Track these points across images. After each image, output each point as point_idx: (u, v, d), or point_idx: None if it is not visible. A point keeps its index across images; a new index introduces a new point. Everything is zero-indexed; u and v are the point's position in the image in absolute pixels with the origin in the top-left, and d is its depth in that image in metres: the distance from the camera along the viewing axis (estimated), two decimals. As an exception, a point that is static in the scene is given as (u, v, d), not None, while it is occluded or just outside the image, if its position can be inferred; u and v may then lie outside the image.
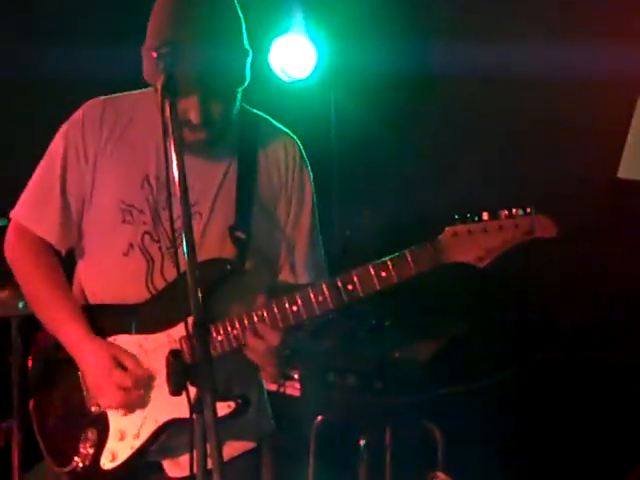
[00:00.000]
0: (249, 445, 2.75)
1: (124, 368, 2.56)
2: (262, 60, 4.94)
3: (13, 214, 2.74)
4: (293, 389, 4.12)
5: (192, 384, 2.09)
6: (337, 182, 5.03)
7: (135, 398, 2.57)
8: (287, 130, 2.78)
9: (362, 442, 3.93)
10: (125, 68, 2.83)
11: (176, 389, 2.13)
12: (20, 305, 4.06)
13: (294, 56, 4.98)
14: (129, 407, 2.58)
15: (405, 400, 3.85)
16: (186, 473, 2.20)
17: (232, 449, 2.68)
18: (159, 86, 2.20)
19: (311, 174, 2.77)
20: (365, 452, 3.93)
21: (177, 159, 2.14)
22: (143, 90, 2.71)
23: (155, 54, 2.25)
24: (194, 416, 2.09)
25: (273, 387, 3.89)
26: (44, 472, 4.26)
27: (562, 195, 3.62)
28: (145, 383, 2.57)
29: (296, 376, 4.13)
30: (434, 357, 3.94)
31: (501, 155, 4.46)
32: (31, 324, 4.05)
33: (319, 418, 4.06)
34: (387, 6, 4.78)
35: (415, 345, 4.04)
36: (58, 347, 2.66)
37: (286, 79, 5.03)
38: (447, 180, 4.59)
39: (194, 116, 2.49)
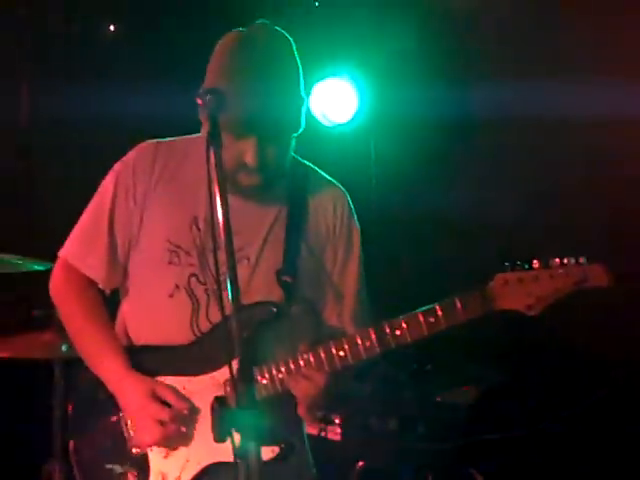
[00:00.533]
0: None
1: (165, 403, 2.56)
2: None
3: (61, 252, 2.76)
4: (334, 434, 4.10)
5: (236, 430, 2.08)
6: (376, 228, 5.03)
7: (174, 433, 2.55)
8: (336, 182, 2.81)
9: (404, 488, 3.91)
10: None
11: (221, 436, 2.12)
12: (63, 348, 4.10)
13: (335, 100, 5.02)
14: (167, 443, 2.57)
15: (447, 445, 3.81)
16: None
17: None
18: (204, 132, 2.23)
19: (358, 226, 2.78)
20: (407, 498, 3.91)
21: (222, 204, 2.15)
22: (195, 135, 2.73)
23: (200, 101, 2.27)
24: (238, 462, 2.08)
25: (314, 431, 3.88)
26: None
27: (612, 234, 3.60)
28: (185, 419, 2.57)
29: (337, 420, 4.11)
30: (476, 402, 3.91)
31: (543, 197, 4.43)
32: (74, 367, 4.16)
33: (360, 463, 4.03)
34: (428, 52, 4.81)
35: (457, 390, 4.01)
36: (98, 387, 2.66)
37: (327, 123, 5.08)
38: (488, 228, 4.57)
39: (250, 158, 2.51)
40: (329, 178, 2.80)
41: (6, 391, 4.10)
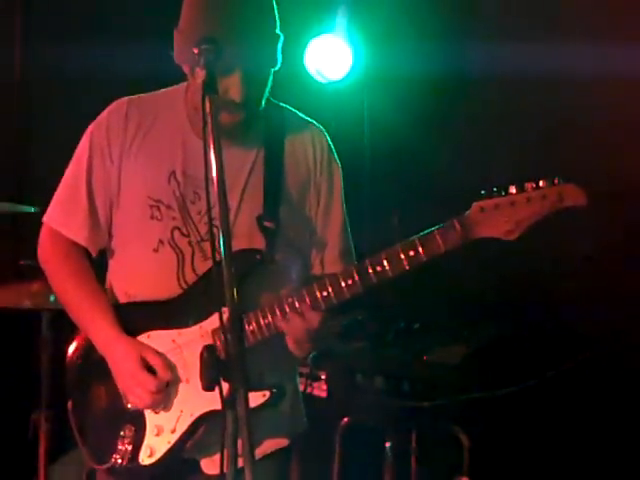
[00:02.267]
0: (282, 442, 2.74)
1: (152, 369, 2.58)
2: (298, 61, 4.95)
3: (45, 218, 2.77)
4: (320, 390, 4.11)
5: (225, 379, 2.09)
6: (368, 183, 5.02)
7: (162, 400, 2.58)
8: (313, 121, 2.79)
9: (388, 445, 3.92)
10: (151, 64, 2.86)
11: (208, 384, 2.14)
12: (51, 298, 4.08)
13: (330, 57, 4.99)
14: (156, 407, 2.60)
15: (432, 404, 3.83)
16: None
17: (265, 446, 2.68)
18: (199, 81, 2.23)
19: (339, 164, 2.77)
20: (391, 455, 3.92)
21: (215, 156, 2.14)
22: (168, 89, 2.74)
23: (196, 50, 2.28)
24: (226, 411, 2.09)
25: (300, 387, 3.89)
26: (69, 464, 4.33)
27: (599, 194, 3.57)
28: (173, 384, 2.59)
29: (323, 377, 4.12)
30: (463, 361, 3.92)
31: (534, 155, 4.42)
32: (61, 317, 4.15)
33: (345, 420, 4.05)
34: (423, 9, 4.77)
35: (444, 349, 4.02)
36: (92, 347, 2.68)
37: (321, 80, 5.04)
38: (478, 182, 4.56)
39: (236, 93, 2.50)
40: (307, 118, 2.78)
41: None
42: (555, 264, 4.18)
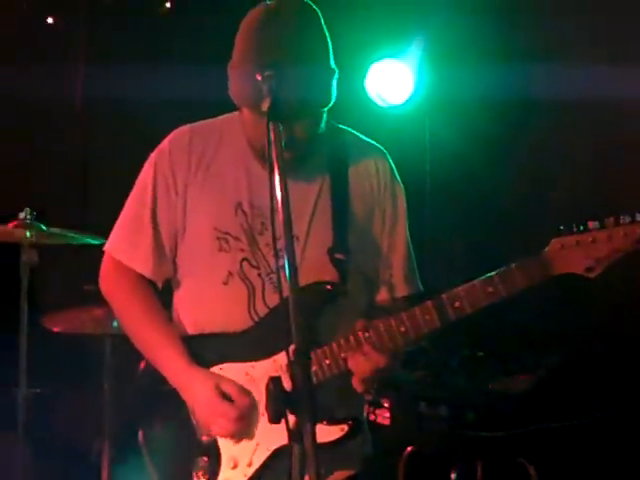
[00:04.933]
0: (351, 472, 2.68)
1: (229, 398, 2.54)
2: (359, 84, 4.95)
3: (107, 247, 2.72)
4: (383, 418, 4.07)
5: (292, 412, 2.06)
6: (429, 210, 4.98)
7: (243, 427, 2.54)
8: (374, 142, 2.75)
9: (453, 476, 3.86)
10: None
11: (275, 417, 2.11)
12: (114, 324, 4.11)
13: (391, 82, 4.98)
14: (239, 436, 2.56)
15: (497, 434, 3.76)
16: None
17: (336, 476, 2.62)
18: (264, 109, 2.21)
19: (402, 184, 2.74)
20: (455, 486, 3.86)
21: (281, 183, 2.13)
22: (226, 115, 2.71)
23: (260, 76, 2.26)
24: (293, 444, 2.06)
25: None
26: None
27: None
28: (252, 411, 2.55)
29: (386, 405, 4.07)
30: (529, 391, 3.85)
31: (595, 178, 4.35)
32: (123, 342, 4.17)
33: (409, 449, 4.00)
34: (485, 33, 4.74)
35: (509, 378, 3.95)
36: (161, 377, 2.63)
37: (382, 104, 5.03)
38: (544, 211, 4.50)
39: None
40: (368, 140, 2.74)
41: (58, 364, 4.12)
42: (625, 293, 4.09)
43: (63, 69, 4.84)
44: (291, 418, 2.06)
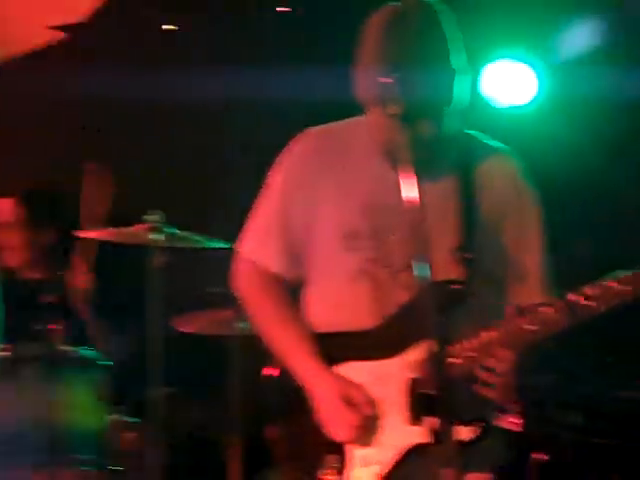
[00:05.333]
0: (486, 477, 2.66)
1: (353, 404, 2.56)
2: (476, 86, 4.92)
3: (239, 248, 2.78)
4: (513, 424, 4.03)
5: (432, 413, 2.07)
6: (552, 213, 4.91)
7: (363, 434, 2.56)
8: (504, 146, 2.74)
9: (588, 485, 3.81)
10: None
11: (416, 418, 2.12)
12: (241, 325, 4.18)
13: (510, 82, 4.94)
14: (357, 441, 2.57)
15: (633, 444, 3.70)
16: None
17: None
18: (391, 111, 2.26)
19: (533, 189, 2.71)
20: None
21: (411, 183, 2.14)
22: (353, 118, 2.74)
23: (385, 79, 2.30)
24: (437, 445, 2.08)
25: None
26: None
27: None
28: (375, 416, 2.56)
29: (517, 410, 4.03)
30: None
31: None
32: (248, 344, 4.23)
33: (539, 455, 3.95)
34: (612, 34, 4.66)
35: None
36: (291, 375, 2.67)
37: (501, 106, 4.99)
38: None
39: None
40: (497, 144, 2.73)
41: (185, 364, 4.19)
42: None
43: (185, 71, 4.92)
44: (429, 419, 2.07)
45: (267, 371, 2.78)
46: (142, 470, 4.00)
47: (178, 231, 4.01)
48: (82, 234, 4.00)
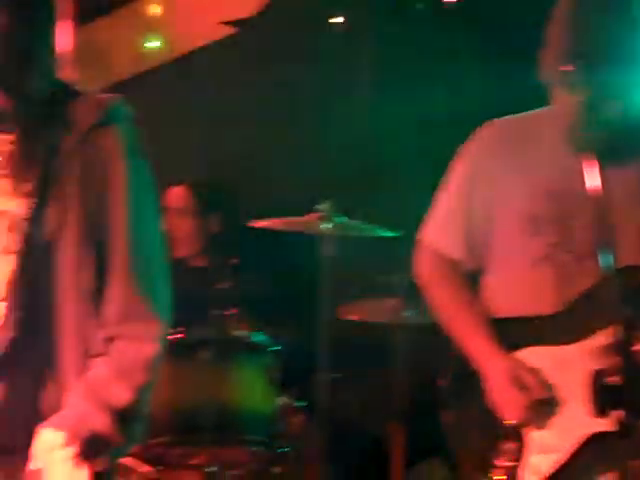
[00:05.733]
0: None
1: (525, 387, 2.56)
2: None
3: (421, 236, 2.85)
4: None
5: (618, 405, 2.04)
6: None
7: (541, 417, 2.55)
8: None
9: None
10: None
11: (602, 410, 2.09)
12: (407, 314, 4.22)
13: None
14: (531, 424, 2.57)
15: None
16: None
17: None
18: (580, 98, 2.30)
19: None
20: None
21: (596, 172, 2.13)
22: (534, 111, 2.76)
23: (572, 65, 2.31)
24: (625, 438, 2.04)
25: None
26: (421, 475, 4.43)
27: None
28: (553, 403, 2.55)
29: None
30: None
31: None
32: (414, 332, 4.27)
33: None
34: None
35: None
36: (467, 360, 2.70)
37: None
38: None
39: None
40: None
41: (351, 351, 4.27)
42: None
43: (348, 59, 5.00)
44: (614, 411, 2.04)
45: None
46: (306, 453, 4.10)
47: (348, 220, 4.08)
48: (253, 224, 4.12)
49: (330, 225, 4.04)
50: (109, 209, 2.23)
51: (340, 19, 5.07)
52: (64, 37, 2.31)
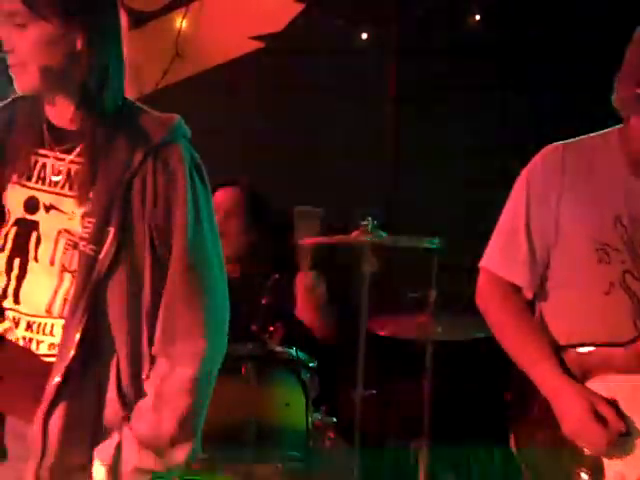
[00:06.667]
0: None
1: (603, 420, 2.56)
2: None
3: (483, 262, 2.84)
4: None
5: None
6: None
7: (619, 449, 2.56)
8: None
9: None
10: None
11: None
12: (439, 330, 4.24)
13: None
14: (611, 456, 2.57)
15: None
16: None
17: None
18: None
19: None
20: None
21: None
22: (597, 133, 2.77)
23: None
24: None
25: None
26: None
27: None
28: (632, 432, 2.57)
29: None
30: None
31: None
32: (444, 348, 4.28)
33: None
34: None
35: None
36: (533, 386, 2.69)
37: None
38: None
39: None
40: None
41: (382, 366, 4.29)
42: None
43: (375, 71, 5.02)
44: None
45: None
46: (338, 469, 4.10)
47: (386, 235, 4.09)
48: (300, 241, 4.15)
49: (374, 240, 4.04)
50: (170, 226, 2.23)
51: (364, 35, 5.11)
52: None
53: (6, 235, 2.26)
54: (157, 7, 4.97)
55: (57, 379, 2.16)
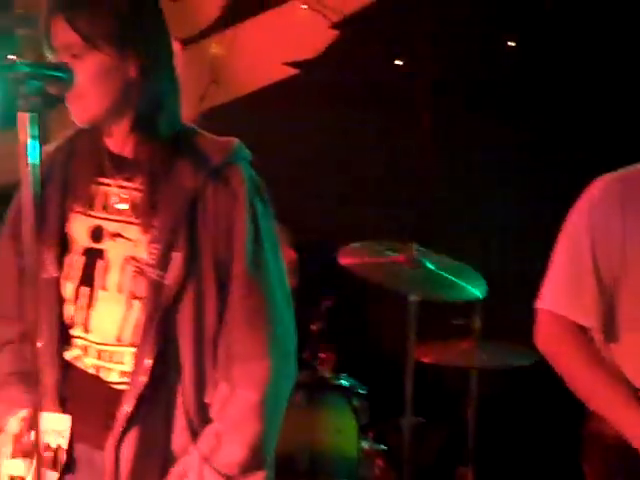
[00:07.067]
0: None
1: None
2: None
3: (544, 304, 2.71)
4: None
5: None
6: None
7: None
8: None
9: None
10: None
11: None
12: (484, 357, 4.22)
13: None
14: None
15: None
16: None
17: None
18: None
19: None
20: None
21: None
22: None
23: None
24: None
25: None
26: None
27: None
28: None
29: None
30: None
31: None
32: (487, 375, 4.27)
33: None
34: None
35: None
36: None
37: None
38: None
39: None
40: None
41: (426, 394, 4.26)
42: None
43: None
44: None
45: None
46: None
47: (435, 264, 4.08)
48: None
49: (422, 269, 4.02)
50: (231, 247, 2.21)
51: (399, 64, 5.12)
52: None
53: (72, 264, 2.24)
54: (193, 33, 4.95)
55: (129, 406, 2.14)
